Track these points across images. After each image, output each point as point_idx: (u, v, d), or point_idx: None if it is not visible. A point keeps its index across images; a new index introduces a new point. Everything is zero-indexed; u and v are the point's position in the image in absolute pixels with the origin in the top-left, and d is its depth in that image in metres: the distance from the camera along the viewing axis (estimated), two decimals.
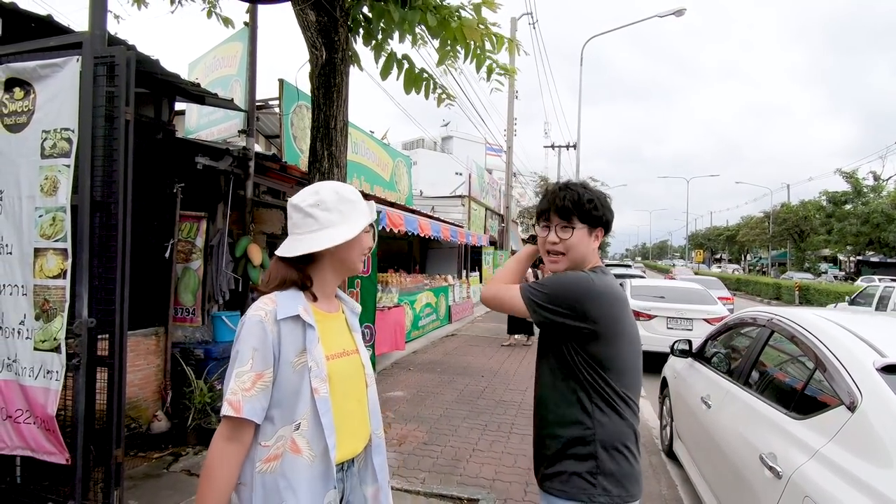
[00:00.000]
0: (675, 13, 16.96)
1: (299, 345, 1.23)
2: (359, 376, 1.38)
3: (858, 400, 1.78)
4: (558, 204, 1.44)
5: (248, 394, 1.17)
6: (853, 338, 2.07)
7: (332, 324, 1.37)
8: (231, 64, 5.52)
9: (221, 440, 1.18)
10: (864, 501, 1.53)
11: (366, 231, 1.35)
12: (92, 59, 2.39)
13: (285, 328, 1.23)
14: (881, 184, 29.70)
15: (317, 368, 1.23)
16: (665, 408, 4.37)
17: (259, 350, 1.20)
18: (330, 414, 1.23)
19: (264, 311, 1.23)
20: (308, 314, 1.27)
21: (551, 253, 1.46)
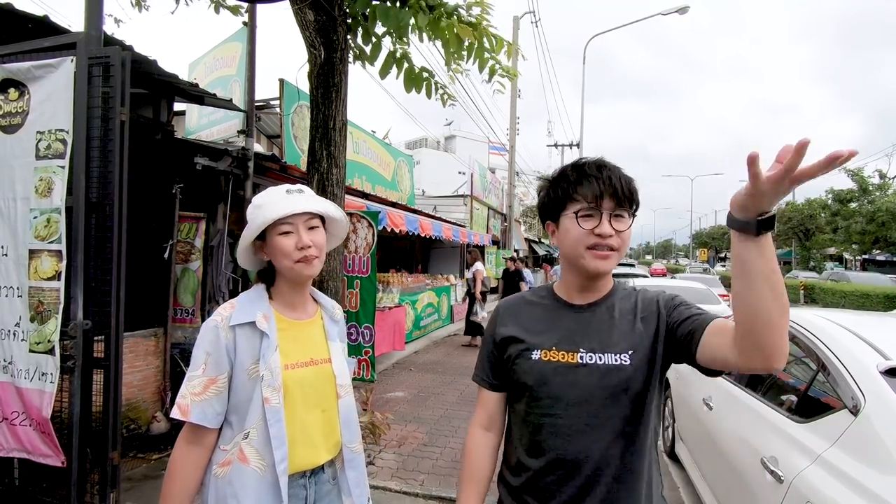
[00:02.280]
0: (678, 11, 16.87)
1: (255, 352, 1.21)
2: (327, 387, 1.33)
3: (861, 403, 1.74)
4: (617, 186, 1.08)
5: (197, 398, 1.17)
6: (856, 339, 2.04)
7: (300, 331, 1.33)
8: (230, 64, 5.51)
9: (182, 442, 1.21)
10: None
11: (282, 233, 1.25)
12: (86, 59, 2.38)
13: (241, 335, 1.21)
14: (887, 182, 29.48)
15: (270, 377, 1.20)
16: (667, 409, 4.34)
17: (212, 355, 1.19)
18: (280, 424, 1.20)
19: (220, 317, 1.23)
20: (266, 321, 1.24)
21: (599, 247, 1.09)
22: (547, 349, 1.13)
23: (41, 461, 2.40)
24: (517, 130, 17.30)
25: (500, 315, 1.26)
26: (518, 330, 1.19)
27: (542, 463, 1.10)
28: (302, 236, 1.25)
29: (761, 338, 0.86)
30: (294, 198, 1.28)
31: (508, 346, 1.19)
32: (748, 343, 0.88)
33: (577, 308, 1.17)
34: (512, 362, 1.17)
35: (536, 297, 1.26)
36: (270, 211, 1.24)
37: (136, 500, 3.04)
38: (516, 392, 1.18)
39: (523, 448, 1.15)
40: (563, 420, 1.09)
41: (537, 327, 1.17)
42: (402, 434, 4.33)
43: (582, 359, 1.09)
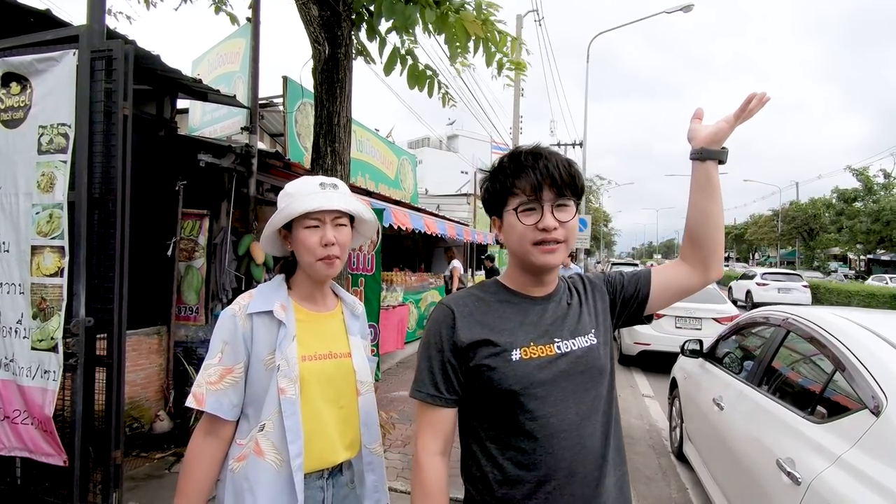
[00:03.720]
0: (682, 9, 16.78)
1: (272, 342, 1.19)
2: (347, 382, 1.29)
3: (883, 403, 1.70)
4: (555, 175, 1.03)
5: (213, 387, 1.15)
6: (875, 338, 1.99)
7: (320, 324, 1.31)
8: (234, 60, 5.48)
9: (200, 434, 1.18)
10: None
11: (309, 227, 1.22)
12: (89, 52, 2.35)
13: (259, 323, 1.19)
14: (892, 181, 29.33)
15: (286, 367, 1.17)
16: (675, 409, 4.29)
17: (229, 344, 1.17)
18: (296, 417, 1.16)
19: (238, 306, 1.21)
20: (285, 311, 1.22)
21: (545, 242, 1.04)
22: (525, 346, 1.04)
23: (43, 460, 2.36)
24: (521, 129, 17.24)
25: (456, 317, 1.08)
26: (484, 331, 1.06)
27: (541, 472, 1.02)
28: (327, 233, 1.22)
29: (714, 240, 1.15)
30: (327, 193, 1.25)
31: (477, 352, 1.05)
32: (700, 251, 1.16)
33: (538, 300, 1.13)
34: (486, 369, 1.03)
35: (487, 292, 1.14)
36: (301, 203, 1.21)
37: (139, 499, 3.01)
38: (493, 402, 1.05)
39: (511, 463, 1.03)
40: (556, 418, 1.02)
41: (505, 325, 1.07)
42: (406, 434, 4.30)
43: (559, 348, 1.07)
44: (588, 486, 1.03)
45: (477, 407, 1.09)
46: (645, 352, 7.19)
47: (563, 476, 1.01)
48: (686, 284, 1.19)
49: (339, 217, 1.26)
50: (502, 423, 1.05)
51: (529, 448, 1.02)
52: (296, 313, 1.25)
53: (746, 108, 1.10)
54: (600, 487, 1.05)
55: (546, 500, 1.02)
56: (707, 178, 1.12)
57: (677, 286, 1.20)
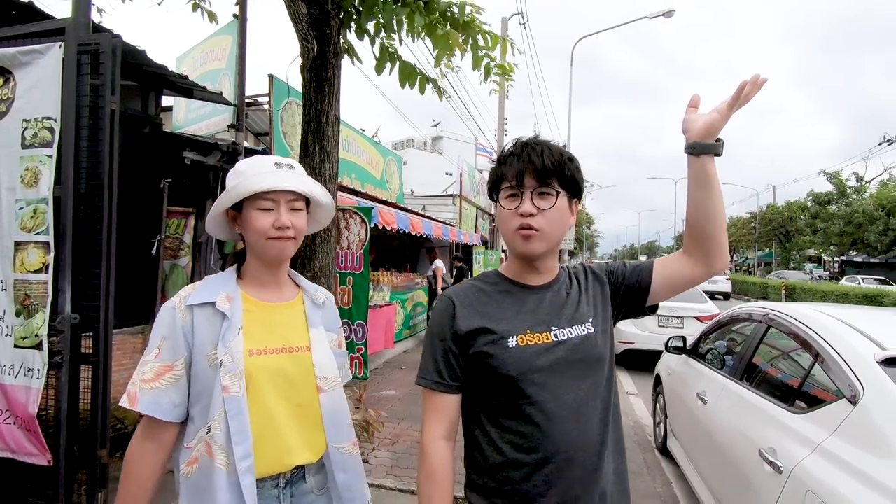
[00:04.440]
0: (664, 14, 17.08)
1: (215, 336, 1.09)
2: (305, 378, 1.18)
3: (860, 393, 1.77)
4: (536, 162, 1.06)
5: (148, 385, 1.07)
6: (852, 331, 2.07)
7: (274, 315, 1.20)
8: (220, 58, 5.42)
9: (138, 437, 1.09)
10: (866, 493, 1.51)
11: (261, 208, 1.12)
12: (76, 46, 2.31)
13: (200, 316, 1.10)
14: (864, 185, 30.24)
15: (230, 363, 1.07)
16: (658, 405, 4.37)
17: (168, 339, 1.09)
18: (242, 417, 1.06)
19: (179, 298, 1.13)
20: (230, 302, 1.12)
21: (524, 229, 1.07)
22: (522, 334, 1.08)
23: (26, 460, 2.31)
24: (505, 132, 17.35)
25: (456, 306, 1.13)
26: (482, 320, 1.10)
27: (540, 455, 1.05)
28: (282, 216, 1.13)
29: (716, 236, 1.11)
30: (282, 173, 1.15)
31: (476, 340, 1.09)
32: (703, 246, 1.12)
33: (536, 289, 1.15)
34: (484, 356, 1.08)
35: (487, 283, 1.19)
36: (253, 182, 1.11)
37: None
38: (493, 388, 1.09)
39: (511, 446, 1.07)
40: (552, 403, 1.05)
41: (503, 314, 1.11)
42: (395, 432, 4.30)
43: (556, 336, 1.09)
44: (586, 470, 1.06)
45: (478, 393, 1.13)
46: (628, 350, 7.30)
47: (561, 460, 1.04)
48: (690, 276, 1.16)
49: (295, 199, 1.16)
50: (502, 408, 1.09)
51: (528, 432, 1.05)
52: (244, 304, 1.15)
53: (741, 95, 1.04)
54: (599, 473, 1.08)
55: (544, 483, 1.05)
56: (703, 172, 1.07)
57: (681, 278, 1.17)
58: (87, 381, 2.41)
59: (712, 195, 1.08)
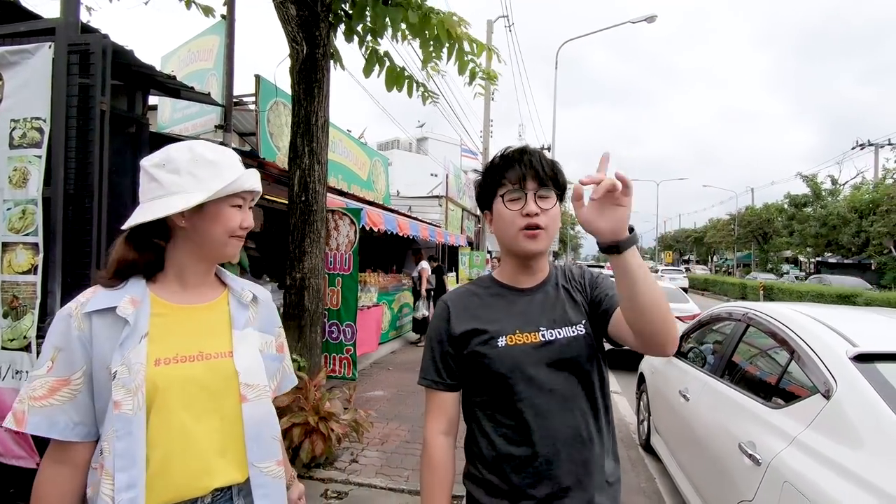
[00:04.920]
0: (646, 19, 17.37)
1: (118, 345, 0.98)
2: (226, 387, 1.04)
3: (833, 388, 1.86)
4: (537, 167, 1.14)
5: (38, 403, 0.94)
6: (827, 329, 2.16)
7: (190, 318, 1.07)
8: (207, 58, 5.39)
9: (49, 461, 0.97)
10: (838, 482, 1.60)
11: (235, 205, 1.07)
12: (66, 46, 2.30)
13: (100, 324, 0.98)
14: (838, 188, 31.10)
15: (125, 375, 0.94)
16: (642, 403, 4.47)
17: (63, 350, 0.96)
18: (131, 438, 0.92)
19: (76, 304, 1.00)
20: (134, 306, 1.00)
21: (530, 227, 1.14)
22: (511, 334, 1.15)
23: (13, 463, 2.29)
24: (491, 133, 17.46)
25: (451, 311, 1.21)
26: (475, 322, 1.18)
27: (528, 448, 1.11)
28: (248, 216, 1.10)
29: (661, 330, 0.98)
30: (251, 172, 1.10)
31: (469, 341, 1.17)
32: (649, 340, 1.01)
33: (526, 291, 1.21)
34: (477, 355, 1.15)
35: (481, 287, 1.26)
36: (242, 179, 1.05)
37: None
38: (487, 385, 1.16)
39: (503, 439, 1.14)
40: (541, 400, 1.11)
41: (494, 315, 1.18)
42: (384, 432, 4.32)
43: (544, 336, 1.14)
44: (575, 464, 1.12)
45: (475, 390, 1.20)
46: (612, 350, 7.40)
47: (549, 453, 1.11)
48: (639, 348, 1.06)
49: (254, 199, 1.14)
50: (495, 404, 1.16)
51: (518, 426, 1.12)
52: (153, 307, 1.03)
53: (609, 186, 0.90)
54: (589, 467, 1.13)
55: (534, 475, 1.12)
56: (631, 265, 0.95)
57: (625, 341, 1.09)
58: None
59: (649, 288, 0.95)
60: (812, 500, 1.63)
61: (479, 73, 3.94)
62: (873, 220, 23.80)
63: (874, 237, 23.90)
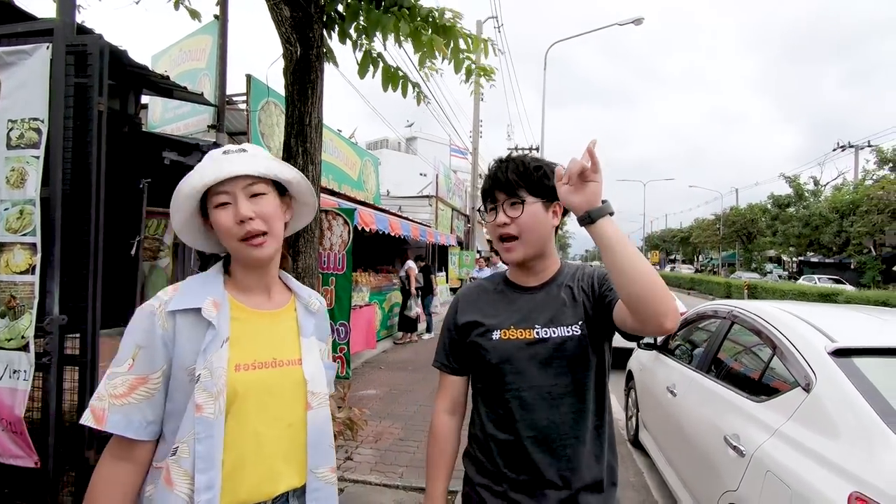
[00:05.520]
0: (633, 22, 17.57)
1: (200, 346, 0.97)
2: (295, 395, 1.07)
3: (813, 381, 1.95)
4: (501, 178, 1.20)
5: (118, 401, 0.94)
6: (807, 326, 2.26)
7: (264, 324, 1.08)
8: (199, 57, 5.37)
9: (107, 457, 0.97)
10: (816, 469, 1.69)
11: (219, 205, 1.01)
12: (64, 47, 2.32)
13: (183, 323, 0.98)
14: (820, 188, 31.75)
15: (208, 379, 0.95)
16: (630, 399, 4.57)
17: (144, 348, 0.96)
18: (212, 441, 0.94)
19: (159, 301, 0.99)
20: (216, 309, 1.00)
21: (504, 239, 1.21)
22: (505, 329, 1.22)
23: (11, 462, 2.30)
24: (480, 133, 17.54)
25: (459, 303, 1.34)
26: (477, 315, 1.27)
27: (511, 435, 1.19)
28: (240, 206, 1.00)
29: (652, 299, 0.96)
30: (229, 159, 1.01)
31: (469, 331, 1.26)
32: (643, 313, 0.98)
33: (529, 290, 1.27)
34: (475, 345, 1.24)
35: (492, 284, 1.35)
36: (197, 178, 1.00)
37: None
38: (481, 372, 1.26)
39: (492, 423, 1.23)
40: (528, 392, 1.18)
41: (494, 311, 1.27)
42: (377, 430, 4.37)
43: (538, 334, 1.19)
44: (558, 459, 1.17)
45: (476, 377, 1.31)
46: None
47: (530, 443, 1.18)
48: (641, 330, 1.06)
49: (253, 184, 1.03)
50: (489, 391, 1.26)
51: (505, 413, 1.21)
52: (231, 311, 1.03)
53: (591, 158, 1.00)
54: (574, 465, 1.18)
55: (516, 460, 1.19)
56: (606, 234, 0.99)
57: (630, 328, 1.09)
58: (73, 383, 2.42)
59: (627, 255, 0.97)
60: (792, 488, 1.71)
61: (475, 70, 3.99)
62: (854, 221, 24.35)
63: (854, 237, 24.45)
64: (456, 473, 1.28)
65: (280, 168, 1.07)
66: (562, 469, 1.17)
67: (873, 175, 26.61)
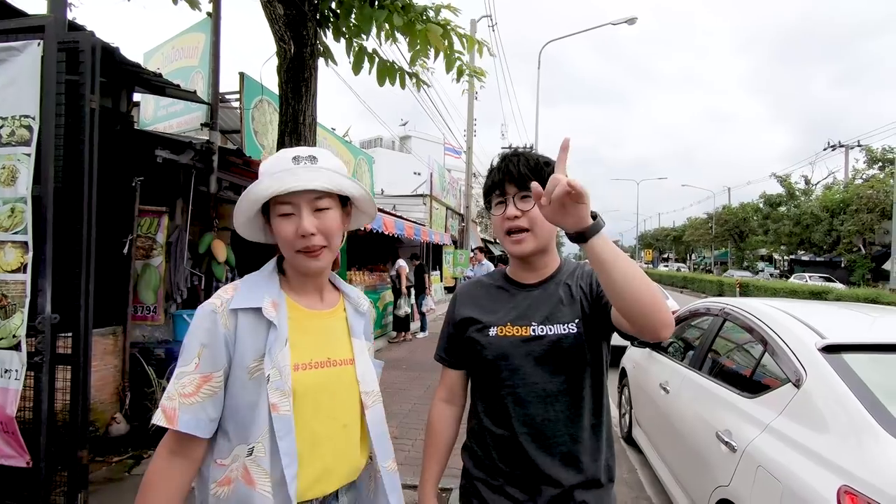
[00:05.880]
0: (626, 21, 17.64)
1: (259, 346, 0.99)
2: (349, 394, 1.10)
3: (803, 377, 1.97)
4: (513, 171, 1.20)
5: (188, 400, 0.95)
6: (797, 322, 2.28)
7: (317, 324, 1.10)
8: (192, 55, 5.34)
9: (164, 453, 0.97)
10: (807, 464, 1.71)
11: (282, 214, 1.02)
12: (55, 43, 2.30)
13: (244, 323, 0.99)
14: (811, 188, 32.05)
15: (277, 378, 0.97)
16: (624, 397, 4.59)
17: (208, 347, 0.97)
18: (291, 437, 0.97)
19: (220, 300, 1.00)
20: (276, 309, 1.02)
21: (512, 232, 1.21)
22: (502, 325, 1.22)
23: (3, 462, 2.28)
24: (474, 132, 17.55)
25: (458, 298, 1.36)
26: (475, 311, 1.28)
27: (506, 430, 1.20)
28: (303, 221, 1.00)
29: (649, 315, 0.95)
30: (299, 171, 1.01)
31: (467, 327, 1.28)
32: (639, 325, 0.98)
33: (528, 287, 1.27)
34: (472, 341, 1.25)
35: (492, 280, 1.36)
36: (265, 185, 1.00)
37: (100, 503, 2.93)
38: (478, 367, 1.27)
39: (488, 418, 1.24)
40: (522, 389, 1.19)
41: (492, 307, 1.27)
42: None
43: (534, 331, 1.19)
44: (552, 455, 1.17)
45: (473, 372, 1.32)
46: None
47: (525, 439, 1.18)
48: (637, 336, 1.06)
49: (320, 198, 1.02)
50: (486, 386, 1.27)
51: (500, 408, 1.22)
52: (289, 311, 1.05)
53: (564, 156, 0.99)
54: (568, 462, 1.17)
55: (510, 455, 1.20)
56: (600, 250, 0.95)
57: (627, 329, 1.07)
58: (64, 382, 2.40)
59: (620, 270, 0.94)
60: (783, 482, 1.73)
61: (467, 71, 4.01)
62: (844, 219, 24.60)
63: (845, 236, 24.70)
64: (454, 472, 1.29)
65: (346, 185, 1.06)
66: (557, 465, 1.17)
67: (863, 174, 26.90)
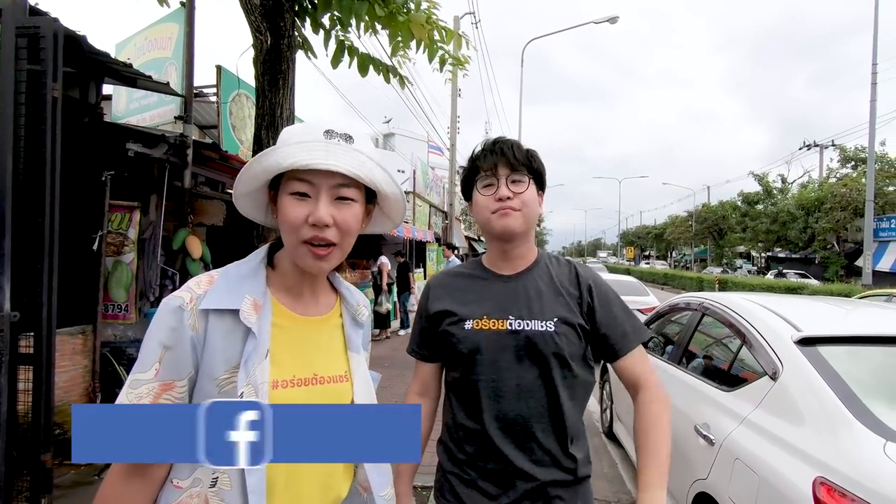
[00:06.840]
0: (609, 20, 17.78)
1: (233, 356, 0.82)
2: None
3: (780, 370, 1.98)
4: (508, 153, 1.18)
5: None
6: (774, 315, 2.29)
7: (306, 333, 0.93)
8: (165, 46, 5.20)
9: (119, 475, 0.80)
10: (783, 456, 1.72)
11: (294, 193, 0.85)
12: (14, 28, 2.20)
13: (216, 326, 0.82)
14: (787, 186, 32.77)
15: (252, 398, 0.80)
16: (605, 392, 4.61)
17: (171, 350, 0.80)
18: (262, 472, 0.80)
19: (190, 295, 0.82)
20: (256, 312, 0.84)
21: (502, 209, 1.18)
22: (478, 318, 1.19)
23: None
24: (458, 129, 17.52)
25: (431, 290, 1.30)
26: (450, 303, 1.24)
27: (478, 424, 1.18)
28: (320, 207, 0.84)
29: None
30: (331, 147, 0.84)
31: (441, 320, 1.24)
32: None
33: (505, 278, 1.24)
34: (446, 334, 1.22)
35: (467, 269, 1.32)
36: (287, 153, 0.82)
37: None
38: (452, 361, 1.24)
39: (462, 412, 1.22)
40: (497, 383, 1.17)
41: (468, 298, 1.23)
42: None
43: (511, 325, 1.17)
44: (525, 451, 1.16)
45: (448, 366, 1.30)
46: None
47: (497, 434, 1.16)
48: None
49: (346, 186, 0.86)
50: (460, 380, 1.24)
51: (473, 402, 1.20)
52: (273, 316, 0.88)
53: None
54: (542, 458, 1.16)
55: (482, 449, 1.19)
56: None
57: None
58: (27, 383, 2.30)
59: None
60: (759, 474, 1.74)
61: (449, 60, 3.97)
62: (818, 217, 25.20)
63: (819, 233, 25.31)
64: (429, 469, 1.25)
65: (380, 177, 0.90)
66: (530, 460, 1.16)
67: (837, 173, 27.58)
